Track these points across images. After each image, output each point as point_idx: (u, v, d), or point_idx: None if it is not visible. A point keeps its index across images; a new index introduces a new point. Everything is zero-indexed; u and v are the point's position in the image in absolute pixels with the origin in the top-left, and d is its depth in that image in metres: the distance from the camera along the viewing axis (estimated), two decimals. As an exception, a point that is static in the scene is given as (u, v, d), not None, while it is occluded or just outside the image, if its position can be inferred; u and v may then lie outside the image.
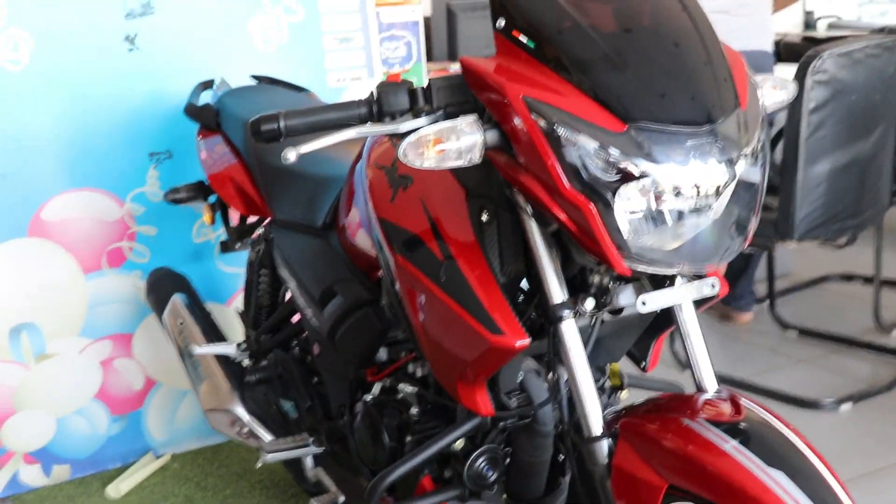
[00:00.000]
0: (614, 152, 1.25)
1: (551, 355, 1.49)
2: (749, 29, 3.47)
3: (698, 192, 1.27)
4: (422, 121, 1.39)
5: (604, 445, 1.40)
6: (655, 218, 1.28)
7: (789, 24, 6.26)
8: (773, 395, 3.11)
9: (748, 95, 1.35)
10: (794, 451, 1.25)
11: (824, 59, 2.82)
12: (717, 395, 1.43)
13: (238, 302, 2.98)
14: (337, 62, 3.03)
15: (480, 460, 1.67)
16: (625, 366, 1.78)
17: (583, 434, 1.43)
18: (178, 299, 2.62)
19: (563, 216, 1.31)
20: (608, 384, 1.77)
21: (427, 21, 3.61)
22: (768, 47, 3.58)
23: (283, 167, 2.21)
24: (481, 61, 1.39)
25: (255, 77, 2.68)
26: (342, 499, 2.18)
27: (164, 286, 2.69)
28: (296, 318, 2.33)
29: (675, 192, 1.26)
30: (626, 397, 1.76)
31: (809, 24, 6.24)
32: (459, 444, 1.70)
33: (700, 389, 1.48)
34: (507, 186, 1.44)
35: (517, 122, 1.30)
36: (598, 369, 1.74)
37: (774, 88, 1.48)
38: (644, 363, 1.78)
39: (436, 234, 1.60)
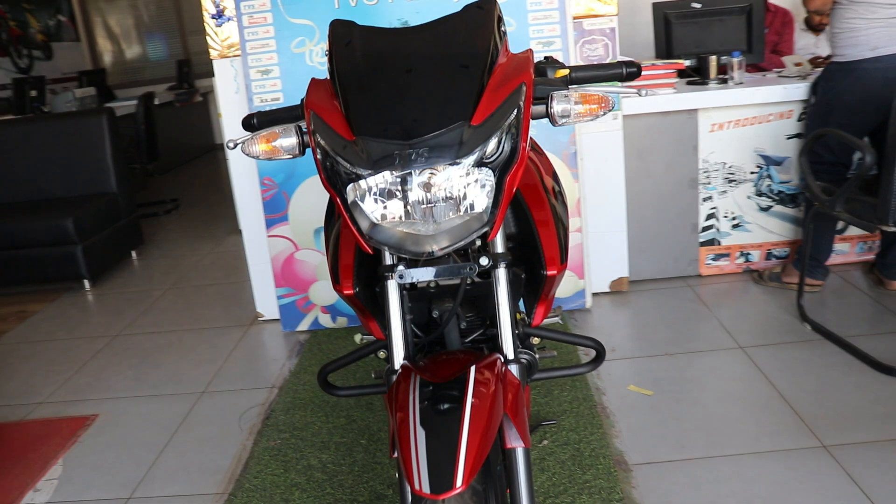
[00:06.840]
0: (339, 158, 1.31)
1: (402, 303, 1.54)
2: None
3: (407, 193, 1.28)
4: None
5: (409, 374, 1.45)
6: (386, 211, 1.31)
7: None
8: (859, 356, 3.02)
9: (492, 113, 1.31)
10: (449, 416, 1.25)
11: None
12: (485, 358, 1.42)
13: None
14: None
15: None
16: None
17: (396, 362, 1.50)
18: None
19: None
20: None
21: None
22: None
23: None
24: (311, 88, 1.49)
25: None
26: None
27: None
28: None
29: (387, 193, 1.29)
30: (538, 342, 1.80)
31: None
32: (383, 353, 1.77)
33: (500, 350, 1.49)
34: None
35: None
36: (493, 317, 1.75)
37: (576, 102, 1.44)
38: (529, 320, 1.80)
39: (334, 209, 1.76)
